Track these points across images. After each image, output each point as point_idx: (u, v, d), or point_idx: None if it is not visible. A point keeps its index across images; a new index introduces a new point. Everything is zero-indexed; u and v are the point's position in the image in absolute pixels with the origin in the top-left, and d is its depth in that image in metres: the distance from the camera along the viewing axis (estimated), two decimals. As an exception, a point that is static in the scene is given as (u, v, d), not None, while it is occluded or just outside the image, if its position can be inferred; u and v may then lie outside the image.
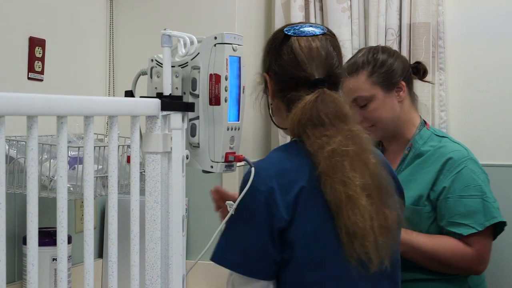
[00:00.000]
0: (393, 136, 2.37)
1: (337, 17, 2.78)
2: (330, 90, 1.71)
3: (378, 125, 2.33)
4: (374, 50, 2.36)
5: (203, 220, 2.69)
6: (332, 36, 1.84)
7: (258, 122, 2.95)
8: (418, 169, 2.30)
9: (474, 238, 2.20)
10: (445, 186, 2.24)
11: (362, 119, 2.28)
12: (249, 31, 2.85)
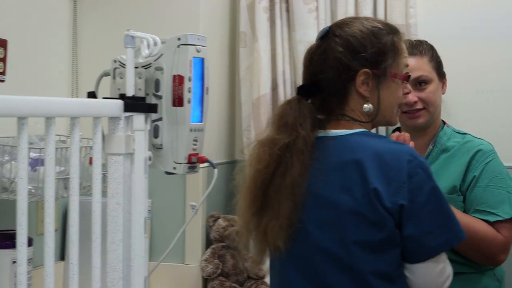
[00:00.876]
0: (427, 128, 2.41)
1: (304, 18, 2.78)
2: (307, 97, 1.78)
3: (430, 108, 2.37)
4: (418, 42, 2.43)
5: (166, 222, 2.68)
6: (335, 37, 1.78)
7: (223, 123, 2.95)
8: (446, 163, 2.35)
9: (502, 225, 2.25)
10: (475, 175, 2.29)
11: (417, 99, 2.34)
12: (214, 32, 2.85)
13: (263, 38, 2.80)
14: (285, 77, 2.82)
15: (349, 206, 1.67)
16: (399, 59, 1.80)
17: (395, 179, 1.66)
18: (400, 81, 1.80)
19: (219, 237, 2.71)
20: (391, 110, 1.82)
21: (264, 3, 2.80)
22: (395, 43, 1.79)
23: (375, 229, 1.66)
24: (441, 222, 1.70)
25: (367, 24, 1.79)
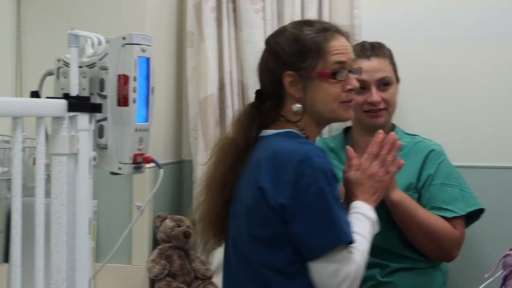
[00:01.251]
0: (381, 128, 2.41)
1: (251, 18, 2.78)
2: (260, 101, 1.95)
3: (390, 109, 2.44)
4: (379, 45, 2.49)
5: (113, 222, 2.66)
6: (266, 45, 1.98)
7: (170, 123, 2.94)
8: (411, 158, 2.40)
9: (457, 222, 2.36)
10: (430, 174, 2.38)
11: (381, 99, 2.39)
12: (160, 32, 2.84)
13: (210, 38, 2.80)
14: (232, 77, 2.82)
15: (247, 202, 1.81)
16: (326, 58, 1.85)
17: (283, 178, 1.75)
18: (333, 78, 1.85)
19: (166, 238, 2.70)
20: (327, 107, 1.88)
21: (211, 3, 2.80)
22: (319, 43, 1.85)
23: (264, 226, 1.78)
24: (325, 223, 1.72)
25: (292, 29, 1.91)
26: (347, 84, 1.87)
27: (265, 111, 1.92)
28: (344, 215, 1.77)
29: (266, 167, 1.78)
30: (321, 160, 1.75)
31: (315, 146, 1.84)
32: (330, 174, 1.76)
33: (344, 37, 1.92)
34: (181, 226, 2.71)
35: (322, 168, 1.74)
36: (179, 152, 3.03)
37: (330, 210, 1.72)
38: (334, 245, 1.72)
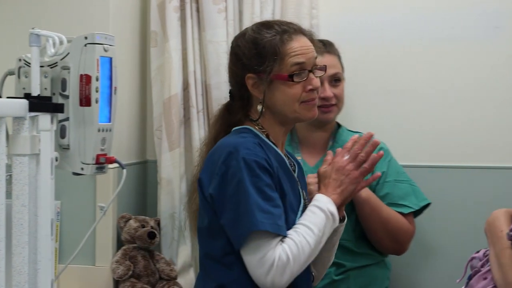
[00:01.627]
0: (328, 124, 2.52)
1: (213, 18, 2.78)
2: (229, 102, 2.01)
3: (339, 105, 2.49)
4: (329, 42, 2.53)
5: (76, 223, 2.64)
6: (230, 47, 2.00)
7: (134, 123, 2.92)
8: None
9: (410, 216, 2.49)
10: (383, 171, 2.46)
11: (333, 95, 2.45)
12: (124, 32, 2.82)
13: (174, 38, 2.79)
14: (196, 77, 2.82)
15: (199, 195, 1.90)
16: (284, 60, 1.87)
17: (214, 171, 1.81)
18: (291, 81, 1.87)
19: (130, 238, 2.68)
20: (289, 108, 1.90)
21: (175, 2, 2.79)
22: (275, 46, 1.87)
23: (202, 216, 1.88)
24: (240, 213, 1.75)
25: (251, 32, 1.94)
26: (308, 84, 1.89)
27: (234, 111, 1.97)
28: (268, 205, 1.76)
29: (207, 160, 1.88)
30: (247, 152, 1.78)
31: (248, 139, 1.85)
32: (256, 165, 1.78)
33: (306, 37, 1.94)
34: (145, 227, 2.70)
35: (246, 159, 1.77)
36: (143, 153, 3.01)
37: (246, 200, 1.75)
38: (246, 233, 1.74)
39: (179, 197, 2.79)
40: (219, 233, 1.82)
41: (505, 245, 1.52)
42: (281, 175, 1.87)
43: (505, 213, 1.61)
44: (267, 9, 2.79)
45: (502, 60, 2.77)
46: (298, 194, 1.95)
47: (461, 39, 2.79)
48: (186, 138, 2.84)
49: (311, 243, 1.79)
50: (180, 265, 2.79)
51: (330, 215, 1.85)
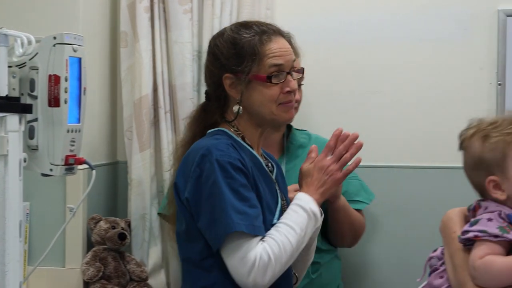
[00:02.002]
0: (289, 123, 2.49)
1: (179, 19, 2.77)
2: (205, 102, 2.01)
3: (298, 107, 2.48)
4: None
5: (46, 225, 2.62)
6: (208, 47, 1.99)
7: (104, 124, 2.91)
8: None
9: (362, 212, 2.56)
10: None
11: (299, 98, 2.46)
12: (94, 32, 2.80)
13: (144, 38, 2.78)
14: (163, 78, 2.81)
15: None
16: (262, 61, 1.87)
17: (189, 174, 1.81)
18: (269, 82, 1.86)
19: (101, 240, 2.67)
20: (266, 109, 1.90)
21: (145, 3, 2.78)
22: (254, 47, 1.87)
23: (180, 220, 1.87)
24: (216, 215, 1.75)
25: (230, 32, 1.93)
26: (285, 86, 1.89)
27: (211, 112, 1.96)
28: (244, 205, 1.75)
29: (182, 164, 1.87)
30: (220, 153, 1.78)
31: (221, 141, 1.85)
32: (230, 166, 1.78)
33: (285, 39, 1.94)
34: (115, 228, 2.68)
35: (219, 160, 1.77)
36: (114, 153, 3.00)
37: (222, 202, 1.75)
38: (222, 235, 1.73)
39: (149, 198, 2.78)
40: (197, 236, 1.81)
41: (457, 247, 1.54)
42: (256, 176, 1.87)
43: (459, 213, 1.63)
44: (225, 10, 2.79)
45: (470, 61, 2.80)
46: (275, 195, 1.94)
47: (429, 40, 2.81)
48: (156, 139, 2.84)
49: (293, 242, 1.79)
50: (151, 266, 2.78)
51: (312, 215, 1.84)
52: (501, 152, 1.50)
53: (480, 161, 1.53)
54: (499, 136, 1.51)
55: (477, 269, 1.45)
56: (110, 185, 2.95)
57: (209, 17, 2.78)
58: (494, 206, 1.51)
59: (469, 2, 2.79)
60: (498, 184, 1.51)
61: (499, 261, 1.43)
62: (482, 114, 2.69)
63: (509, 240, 1.44)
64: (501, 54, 2.75)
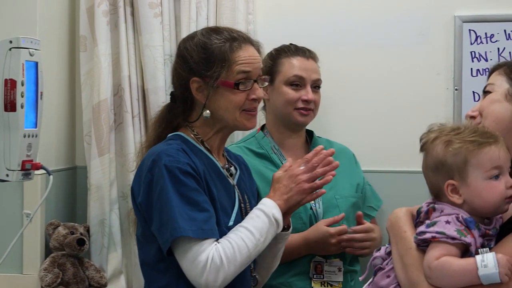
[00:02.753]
0: (302, 129, 2.52)
1: (149, 22, 2.76)
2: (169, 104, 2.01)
3: (315, 111, 2.48)
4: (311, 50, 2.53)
5: (2, 231, 2.57)
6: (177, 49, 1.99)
7: (63, 128, 2.88)
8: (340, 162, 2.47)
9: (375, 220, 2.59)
10: (363, 176, 2.57)
11: (314, 99, 2.44)
12: (52, 36, 2.78)
13: (103, 42, 2.76)
14: (131, 81, 2.79)
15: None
16: (231, 67, 1.87)
17: (141, 179, 1.83)
18: (236, 89, 1.87)
19: (59, 245, 2.64)
20: (230, 115, 1.91)
21: (104, 7, 2.76)
22: (224, 53, 1.87)
23: (138, 223, 1.90)
24: (164, 220, 1.77)
25: (201, 36, 1.93)
26: (251, 94, 1.90)
27: (175, 114, 1.97)
28: (192, 210, 1.77)
29: (138, 169, 1.89)
30: (169, 159, 1.79)
31: (172, 146, 1.86)
32: (179, 171, 1.79)
33: (254, 47, 1.95)
34: (74, 234, 2.66)
35: (168, 166, 1.78)
36: (73, 158, 2.97)
37: (169, 207, 1.76)
38: (169, 240, 1.75)
39: (109, 203, 2.76)
40: (152, 240, 1.83)
41: (409, 245, 1.56)
42: (210, 179, 1.88)
43: (406, 213, 1.66)
44: (201, 14, 2.78)
45: (428, 67, 2.83)
46: (232, 198, 1.94)
47: (387, 46, 2.84)
48: (117, 143, 2.82)
49: (250, 246, 1.79)
50: (110, 272, 2.76)
51: (274, 220, 1.85)
52: (463, 158, 1.52)
53: (441, 165, 1.55)
54: (462, 143, 1.53)
55: (433, 269, 1.47)
56: (68, 190, 2.92)
57: (185, 21, 2.77)
58: (450, 209, 1.54)
59: (427, 9, 2.82)
60: (456, 189, 1.54)
61: (455, 263, 1.46)
62: (440, 118, 2.77)
63: (466, 243, 1.47)
64: (457, 60, 2.79)
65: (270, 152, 2.46)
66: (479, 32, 2.78)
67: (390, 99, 2.86)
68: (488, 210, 1.53)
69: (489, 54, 2.77)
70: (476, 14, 2.78)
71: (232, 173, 2.01)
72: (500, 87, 1.62)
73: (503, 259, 1.40)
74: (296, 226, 2.25)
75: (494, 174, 1.52)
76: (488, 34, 2.78)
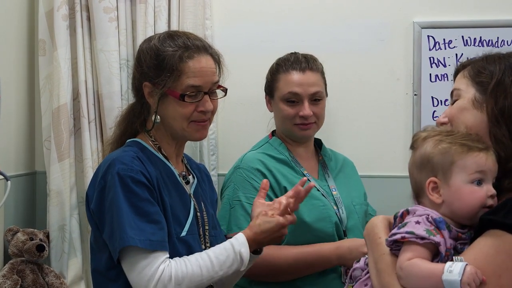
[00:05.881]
0: (309, 140, 2.50)
1: (104, 27, 2.74)
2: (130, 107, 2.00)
3: (319, 123, 2.45)
4: (312, 58, 2.47)
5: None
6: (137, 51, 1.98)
7: (21, 133, 2.84)
8: (348, 172, 2.55)
9: None
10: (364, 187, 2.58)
11: (312, 113, 2.40)
12: (10, 39, 2.74)
13: (62, 46, 2.73)
14: (87, 86, 2.77)
15: None
16: (180, 78, 1.86)
17: (96, 186, 1.81)
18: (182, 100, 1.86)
19: (18, 252, 2.61)
20: (177, 125, 1.90)
21: (63, 11, 2.73)
22: (174, 63, 1.85)
23: (91, 231, 1.88)
24: (114, 228, 1.76)
25: (156, 41, 1.91)
26: (200, 106, 1.88)
27: (135, 115, 1.95)
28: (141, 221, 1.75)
29: (94, 175, 1.88)
30: (123, 167, 1.78)
31: (127, 153, 1.84)
32: (131, 180, 1.78)
33: (212, 56, 1.92)
34: (34, 240, 2.63)
35: (120, 174, 1.77)
36: (32, 163, 2.94)
37: (119, 216, 1.75)
38: (117, 249, 1.74)
39: (69, 208, 2.74)
40: (103, 247, 1.82)
41: (383, 251, 1.57)
42: (164, 188, 1.86)
43: (383, 220, 1.66)
44: (161, 19, 2.77)
45: (388, 72, 2.86)
46: (187, 207, 1.93)
47: (347, 51, 2.87)
48: (77, 148, 2.80)
49: (205, 276, 1.79)
50: (71, 278, 2.74)
51: (239, 258, 1.84)
52: (450, 158, 1.53)
53: (427, 161, 1.56)
54: (452, 143, 1.54)
55: (403, 270, 1.48)
56: (28, 195, 2.89)
57: (141, 26, 2.75)
58: (422, 211, 1.55)
59: (386, 15, 2.86)
60: (437, 187, 1.54)
61: (423, 265, 1.47)
62: (400, 123, 2.82)
63: (435, 242, 1.48)
64: (416, 65, 2.83)
65: (290, 159, 2.43)
66: (438, 38, 2.82)
67: (349, 105, 2.88)
68: (466, 215, 1.52)
69: (447, 59, 2.82)
70: (435, 20, 2.83)
71: (189, 181, 2.00)
72: (466, 92, 1.62)
73: (471, 270, 1.40)
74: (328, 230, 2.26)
75: (477, 178, 1.51)
76: (447, 40, 2.82)
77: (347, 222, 2.36)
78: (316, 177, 2.44)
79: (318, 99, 2.42)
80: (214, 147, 2.88)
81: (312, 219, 2.15)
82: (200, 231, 1.94)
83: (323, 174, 2.46)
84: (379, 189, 2.75)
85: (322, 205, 2.31)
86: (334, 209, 2.33)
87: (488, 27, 2.79)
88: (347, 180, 2.51)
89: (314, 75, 2.42)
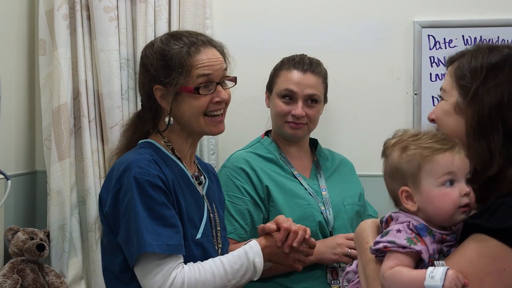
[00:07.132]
0: (302, 140, 2.51)
1: (105, 26, 2.74)
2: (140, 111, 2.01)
3: (311, 125, 2.46)
4: (317, 62, 2.49)
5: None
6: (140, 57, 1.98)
7: (22, 133, 2.85)
8: (345, 172, 2.56)
9: None
10: (362, 187, 2.58)
11: (305, 114, 2.41)
12: (11, 39, 2.74)
13: (62, 46, 2.73)
14: (87, 85, 2.77)
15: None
16: (190, 73, 1.86)
17: (111, 188, 1.80)
18: (197, 93, 1.86)
19: (19, 251, 2.61)
20: (194, 121, 1.90)
21: (64, 10, 2.74)
22: (182, 59, 1.86)
23: (103, 232, 1.88)
24: (131, 233, 1.75)
25: (160, 43, 1.92)
26: (215, 97, 1.89)
27: (144, 121, 1.95)
28: (158, 225, 1.75)
29: (107, 176, 1.87)
30: (139, 171, 1.77)
31: (144, 156, 1.84)
32: (148, 184, 1.77)
33: (216, 49, 1.93)
34: (34, 239, 2.63)
35: (137, 178, 1.76)
36: (32, 163, 2.94)
37: (136, 221, 1.75)
38: (135, 255, 1.74)
39: (69, 208, 2.74)
40: (117, 250, 1.81)
41: (370, 257, 1.56)
42: (180, 190, 1.86)
43: (372, 224, 1.65)
44: (161, 18, 2.77)
45: (388, 71, 2.86)
46: (201, 209, 1.93)
47: (347, 50, 2.87)
48: (77, 148, 2.80)
49: (218, 283, 1.80)
50: (71, 277, 2.74)
51: (252, 268, 1.85)
52: (417, 165, 1.52)
53: (396, 171, 1.55)
54: (417, 149, 1.53)
55: (386, 279, 1.48)
56: (28, 195, 2.89)
57: (142, 25, 2.76)
58: (404, 217, 1.54)
59: (387, 15, 2.86)
60: (410, 195, 1.54)
61: (405, 273, 1.46)
62: (400, 123, 2.82)
63: (416, 251, 1.47)
64: (416, 65, 2.83)
65: (278, 158, 2.45)
66: (438, 38, 2.82)
67: (350, 104, 2.88)
68: (442, 218, 1.51)
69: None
70: (435, 20, 2.83)
71: (202, 181, 2.00)
72: (450, 96, 1.59)
73: (452, 275, 1.39)
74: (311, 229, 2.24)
75: (446, 180, 1.50)
76: (447, 40, 2.82)
77: (335, 222, 2.37)
78: (308, 177, 2.47)
79: (313, 102, 2.43)
80: (214, 146, 2.88)
81: (294, 218, 2.17)
82: (213, 232, 1.95)
83: (315, 174, 2.48)
84: (379, 188, 2.71)
85: (307, 204, 2.34)
86: (321, 209, 2.35)
87: (488, 27, 2.80)
88: (342, 180, 2.52)
89: (314, 78, 2.44)
